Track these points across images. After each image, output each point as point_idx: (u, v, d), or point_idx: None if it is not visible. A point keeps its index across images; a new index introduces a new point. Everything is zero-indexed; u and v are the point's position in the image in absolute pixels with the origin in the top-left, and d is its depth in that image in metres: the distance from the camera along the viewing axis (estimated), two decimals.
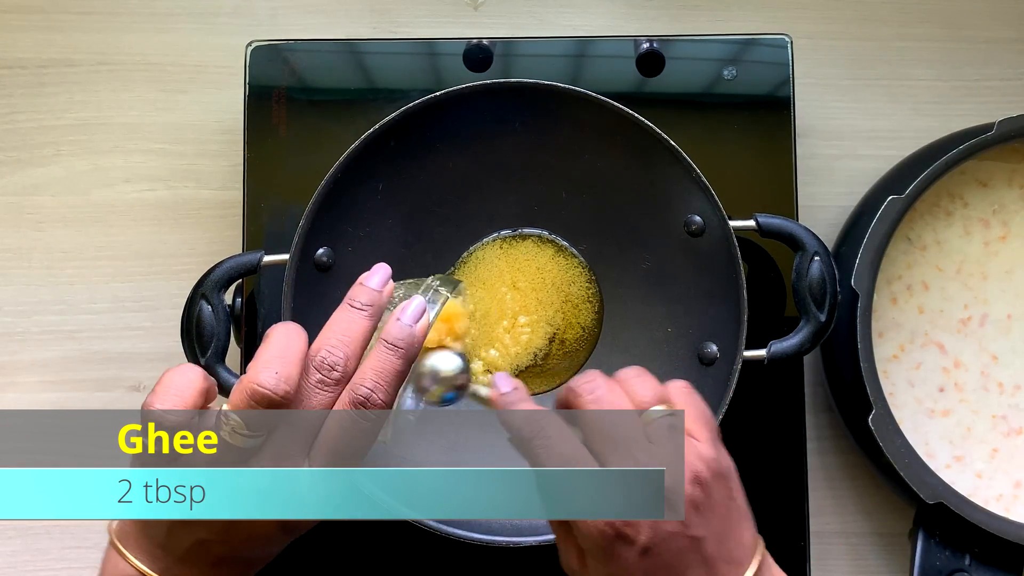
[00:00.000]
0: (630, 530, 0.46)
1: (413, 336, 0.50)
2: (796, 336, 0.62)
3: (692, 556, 0.47)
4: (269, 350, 0.48)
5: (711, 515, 0.47)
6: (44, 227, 0.72)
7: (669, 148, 0.63)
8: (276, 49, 0.69)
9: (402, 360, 0.49)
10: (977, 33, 0.74)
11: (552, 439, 0.48)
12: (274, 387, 0.46)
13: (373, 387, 0.48)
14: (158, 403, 0.47)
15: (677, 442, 0.48)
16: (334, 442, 0.48)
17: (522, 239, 0.69)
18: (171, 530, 0.49)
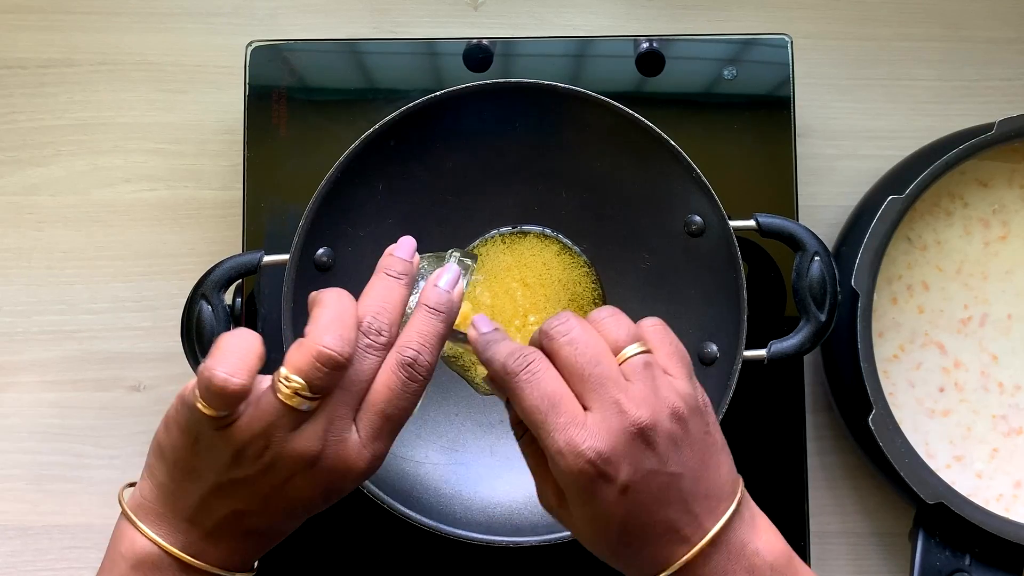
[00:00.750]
0: (609, 468, 0.46)
1: (452, 301, 0.51)
2: (796, 336, 0.62)
3: (670, 493, 0.47)
4: (326, 314, 0.48)
5: (689, 451, 0.48)
6: (44, 227, 0.72)
7: (669, 148, 0.63)
8: (276, 49, 0.69)
9: (443, 324, 0.51)
10: (977, 33, 0.74)
11: (539, 374, 0.48)
12: (340, 349, 0.47)
13: (419, 348, 0.49)
14: (220, 367, 0.46)
15: (653, 378, 0.48)
16: (383, 404, 0.48)
17: (524, 236, 0.69)
18: (205, 501, 0.49)
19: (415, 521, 0.62)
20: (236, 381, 0.46)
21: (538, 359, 0.48)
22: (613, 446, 0.46)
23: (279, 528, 0.52)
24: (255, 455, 0.48)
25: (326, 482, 0.49)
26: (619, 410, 0.47)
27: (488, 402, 0.68)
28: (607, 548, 0.49)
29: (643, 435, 0.46)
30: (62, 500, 0.70)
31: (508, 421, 0.69)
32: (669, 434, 0.47)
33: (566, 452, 0.46)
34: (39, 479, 0.71)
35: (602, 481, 0.46)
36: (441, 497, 0.65)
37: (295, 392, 0.47)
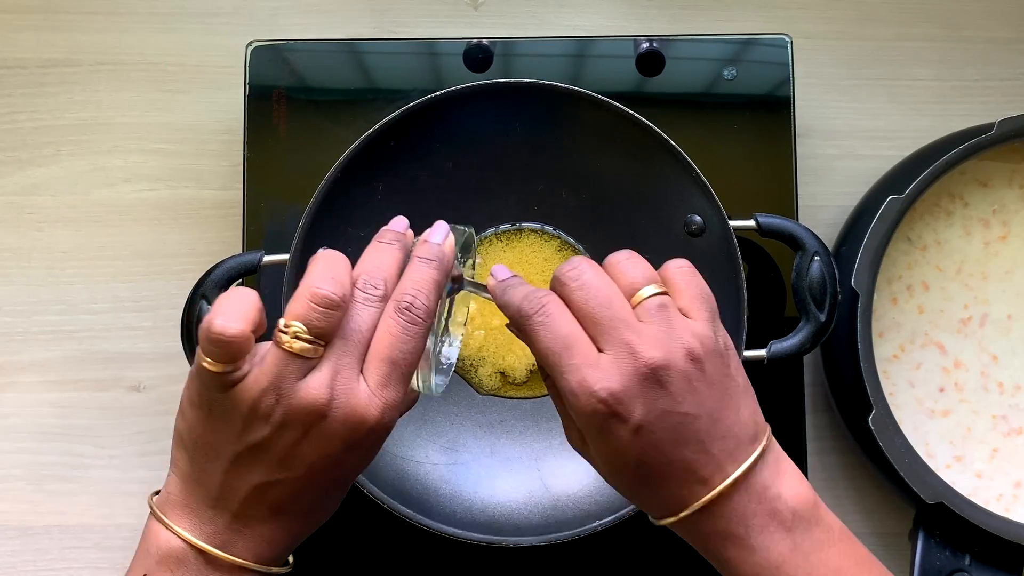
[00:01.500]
0: (622, 408, 0.47)
1: (443, 251, 0.52)
2: (796, 336, 0.62)
3: (685, 433, 0.47)
4: (318, 267, 0.49)
5: (706, 392, 0.48)
6: (44, 227, 0.72)
7: (669, 148, 0.63)
8: (276, 49, 0.69)
9: (437, 271, 0.51)
10: (977, 33, 0.74)
11: (552, 316, 0.48)
12: (334, 289, 0.48)
13: (415, 293, 0.50)
14: (219, 318, 0.47)
15: (667, 319, 0.48)
16: (386, 350, 0.49)
17: (523, 233, 0.69)
18: (226, 479, 0.49)
19: (415, 521, 0.62)
20: (234, 326, 0.47)
21: (552, 301, 0.49)
22: (625, 386, 0.47)
23: (307, 504, 0.51)
24: (266, 413, 0.48)
25: (343, 436, 0.48)
26: (631, 351, 0.47)
27: (488, 402, 0.68)
28: (627, 485, 0.50)
29: (655, 375, 0.47)
30: (62, 500, 0.70)
31: (508, 421, 0.69)
32: (683, 374, 0.47)
33: (579, 392, 0.47)
34: (39, 479, 0.71)
35: (615, 420, 0.47)
36: (441, 497, 0.65)
37: (295, 336, 0.47)
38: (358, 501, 0.62)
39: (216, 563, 0.50)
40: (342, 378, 0.48)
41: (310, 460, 0.49)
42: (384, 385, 0.49)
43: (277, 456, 0.49)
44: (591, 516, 0.62)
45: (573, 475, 0.66)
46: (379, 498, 0.62)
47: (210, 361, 0.48)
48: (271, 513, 0.50)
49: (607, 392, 0.47)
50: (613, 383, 0.47)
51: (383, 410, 0.49)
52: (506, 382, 0.68)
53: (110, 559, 0.70)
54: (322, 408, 0.48)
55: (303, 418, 0.48)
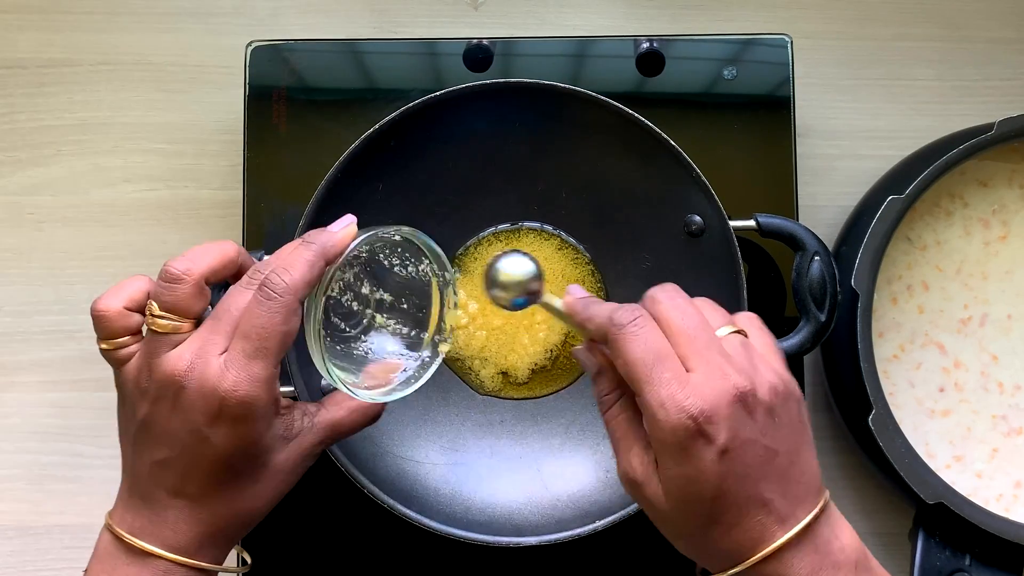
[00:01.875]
0: (711, 428, 0.46)
1: (331, 237, 0.52)
2: (796, 336, 0.62)
3: (768, 467, 0.47)
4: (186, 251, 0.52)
5: (785, 429, 0.48)
6: (44, 227, 0.72)
7: (669, 148, 0.63)
8: (276, 49, 0.69)
9: (312, 253, 0.51)
10: (977, 33, 0.74)
11: (647, 328, 0.48)
12: (176, 264, 0.50)
13: (277, 269, 0.50)
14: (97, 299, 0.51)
15: (751, 354, 0.49)
16: (242, 325, 0.50)
17: (523, 233, 0.69)
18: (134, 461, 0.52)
19: (415, 521, 0.62)
20: (103, 303, 0.51)
21: (646, 315, 0.49)
22: (715, 406, 0.46)
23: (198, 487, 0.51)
24: (145, 388, 0.51)
25: (200, 409, 0.49)
26: (722, 373, 0.47)
27: (488, 402, 0.68)
28: (693, 524, 0.48)
29: (744, 401, 0.47)
30: (63, 500, 0.70)
31: (508, 421, 0.69)
32: (768, 407, 0.47)
33: (669, 406, 0.46)
34: (40, 479, 0.71)
35: (702, 440, 0.46)
36: (441, 497, 0.65)
37: (151, 313, 0.50)
38: (358, 501, 0.62)
39: (132, 551, 0.51)
40: (202, 352, 0.50)
41: (180, 435, 0.50)
42: (238, 359, 0.49)
43: (158, 431, 0.51)
44: (591, 516, 0.62)
45: (573, 475, 0.66)
46: (379, 498, 0.62)
47: (99, 339, 0.52)
48: (169, 496, 0.51)
49: (697, 409, 0.46)
50: (704, 401, 0.46)
51: (235, 382, 0.49)
52: (507, 382, 0.68)
53: None
54: (179, 379, 0.49)
55: (166, 389, 0.50)
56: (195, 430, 0.50)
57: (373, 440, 0.65)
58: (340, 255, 0.52)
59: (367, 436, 0.65)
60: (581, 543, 0.61)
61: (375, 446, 0.65)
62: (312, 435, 0.54)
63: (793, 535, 0.47)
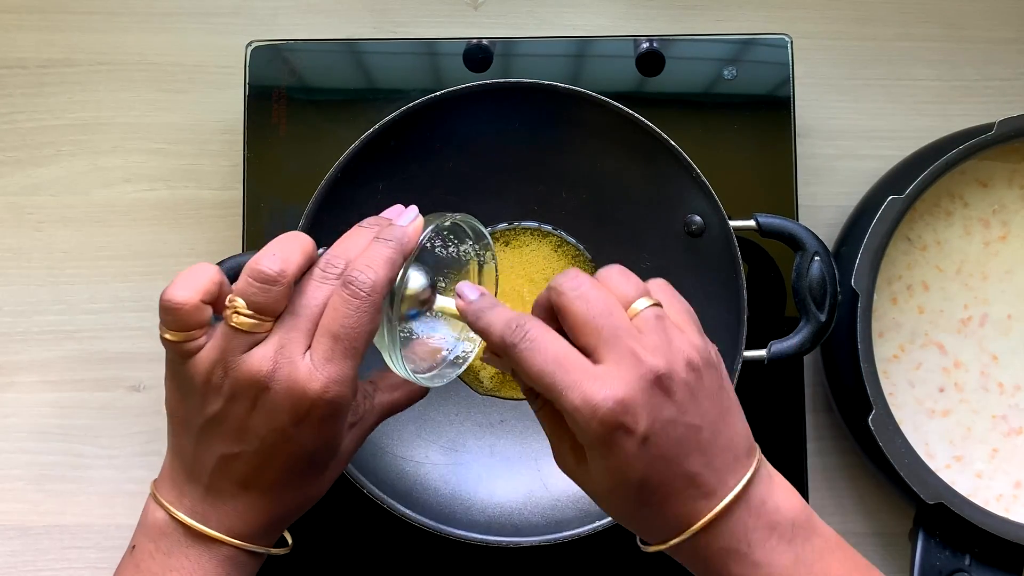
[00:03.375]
0: (628, 418, 0.46)
1: (404, 232, 0.52)
2: (796, 336, 0.62)
3: (690, 444, 0.47)
4: (268, 245, 0.50)
5: (706, 402, 0.48)
6: (44, 227, 0.72)
7: (669, 148, 0.63)
8: (276, 49, 0.69)
9: (391, 250, 0.51)
10: (977, 33, 0.74)
11: (538, 339, 0.47)
12: (270, 265, 0.48)
13: (362, 268, 0.49)
14: (170, 289, 0.49)
15: (664, 329, 0.48)
16: (329, 324, 0.49)
17: (521, 232, 0.69)
18: (197, 451, 0.51)
19: (415, 521, 0.62)
20: (181, 294, 0.49)
21: (535, 325, 0.48)
22: (631, 395, 0.46)
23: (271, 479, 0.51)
24: (217, 385, 0.49)
25: (287, 409, 0.49)
26: (635, 359, 0.46)
27: (488, 402, 0.68)
28: (627, 506, 0.48)
29: (660, 383, 0.46)
30: (62, 500, 0.70)
31: (508, 421, 0.69)
32: (686, 383, 0.47)
33: (582, 407, 0.46)
34: (39, 479, 0.71)
35: (622, 432, 0.46)
36: (441, 497, 0.65)
37: (236, 312, 0.48)
38: (358, 501, 0.62)
39: (193, 534, 0.51)
40: (285, 351, 0.49)
41: (261, 433, 0.50)
42: (327, 359, 0.49)
43: (232, 428, 0.50)
44: (591, 516, 0.62)
45: None
46: (379, 498, 0.62)
47: (166, 330, 0.50)
48: (238, 487, 0.51)
49: (613, 401, 0.45)
50: (618, 392, 0.46)
51: (325, 383, 0.49)
52: (506, 382, 0.68)
53: (110, 559, 0.70)
54: (264, 379, 0.48)
55: (246, 390, 0.49)
56: (278, 429, 0.49)
57: (373, 440, 0.65)
58: (414, 249, 0.52)
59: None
60: (581, 543, 0.61)
61: (375, 446, 0.65)
62: (373, 417, 0.55)
63: (724, 505, 0.47)
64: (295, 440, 0.50)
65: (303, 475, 0.52)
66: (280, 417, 0.49)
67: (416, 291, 0.54)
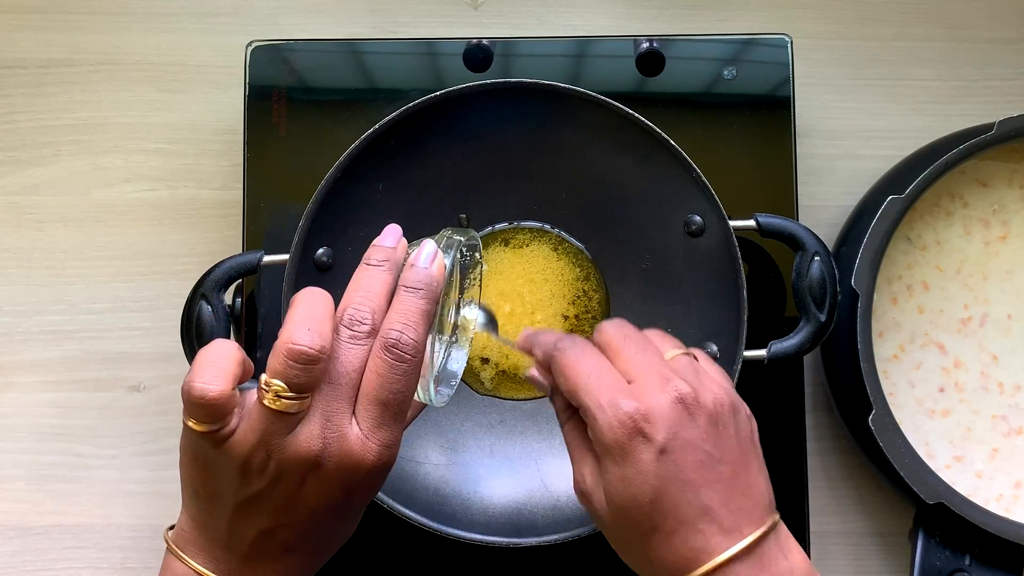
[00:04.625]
0: (648, 427, 0.46)
1: (431, 276, 0.50)
2: (796, 336, 0.62)
3: (708, 474, 0.46)
4: (297, 312, 0.47)
5: (732, 441, 0.48)
6: (44, 227, 0.72)
7: (669, 148, 0.63)
8: (276, 49, 0.69)
9: (425, 300, 0.49)
10: (977, 33, 0.74)
11: (586, 350, 0.49)
12: (310, 343, 0.46)
13: (401, 328, 0.48)
14: (197, 379, 0.46)
15: (697, 370, 0.49)
16: (375, 391, 0.47)
17: (521, 232, 0.69)
18: (232, 525, 0.49)
19: (415, 521, 0.62)
20: (213, 388, 0.46)
21: (580, 340, 0.50)
22: (654, 406, 0.46)
23: (317, 540, 0.51)
24: (260, 467, 0.47)
25: (341, 481, 0.48)
26: (663, 379, 0.47)
27: (488, 402, 0.68)
28: (634, 533, 0.47)
29: (684, 403, 0.47)
30: (62, 500, 0.70)
31: (508, 421, 0.69)
32: (711, 414, 0.47)
33: (607, 406, 0.46)
34: (39, 479, 0.71)
35: (640, 439, 0.46)
36: (441, 497, 0.65)
37: (277, 395, 0.46)
38: None
39: None
40: (332, 425, 0.47)
41: (312, 505, 0.48)
42: (378, 427, 0.48)
43: (278, 504, 0.48)
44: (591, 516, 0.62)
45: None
46: (379, 498, 0.62)
47: (193, 420, 0.47)
48: (282, 552, 0.50)
49: (634, 407, 0.46)
50: (643, 401, 0.46)
51: (380, 452, 0.48)
52: (506, 382, 0.68)
53: (110, 559, 0.70)
54: (315, 458, 0.47)
55: (297, 469, 0.47)
56: (330, 500, 0.48)
57: None
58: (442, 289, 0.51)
59: None
60: (581, 543, 0.61)
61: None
62: None
63: (739, 550, 0.46)
64: (349, 505, 0.50)
65: (346, 529, 0.52)
66: (334, 491, 0.48)
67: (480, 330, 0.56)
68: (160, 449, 0.71)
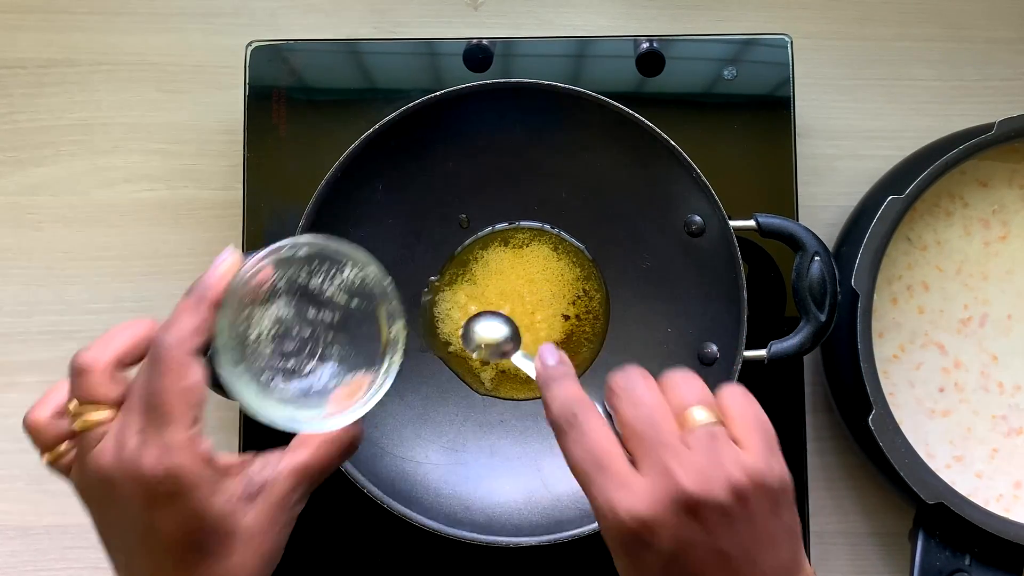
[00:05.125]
0: (648, 535, 0.44)
1: (209, 275, 0.49)
2: (796, 336, 0.62)
3: (722, 570, 0.45)
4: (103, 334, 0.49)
5: (745, 530, 0.45)
6: (44, 227, 0.72)
7: (669, 148, 0.63)
8: (276, 49, 0.69)
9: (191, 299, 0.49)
10: (977, 33, 0.74)
11: (586, 433, 0.47)
12: (83, 355, 0.48)
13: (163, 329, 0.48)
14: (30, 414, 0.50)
15: (715, 449, 0.45)
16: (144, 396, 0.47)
17: (521, 232, 0.69)
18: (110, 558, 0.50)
19: (415, 521, 0.62)
20: (31, 415, 0.49)
21: (589, 416, 0.47)
22: (654, 513, 0.44)
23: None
24: (87, 493, 0.49)
25: (135, 496, 0.46)
26: (668, 477, 0.44)
27: (488, 402, 0.68)
28: None
29: (688, 506, 0.44)
30: (62, 500, 0.70)
31: (508, 421, 0.69)
32: (721, 509, 0.44)
33: (607, 512, 0.45)
34: (39, 479, 0.71)
35: (643, 547, 0.45)
36: (441, 497, 0.65)
37: (70, 412, 0.48)
38: (358, 501, 0.62)
39: None
40: (119, 436, 0.47)
41: (129, 532, 0.47)
42: (151, 431, 0.46)
43: (110, 536, 0.49)
44: (591, 516, 0.62)
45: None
46: (379, 498, 0.62)
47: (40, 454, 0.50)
48: None
49: (632, 517, 0.44)
50: (641, 508, 0.44)
51: (155, 458, 0.46)
52: (506, 382, 0.68)
53: None
54: (108, 472, 0.47)
55: (101, 488, 0.47)
56: (138, 521, 0.47)
57: (373, 440, 0.65)
58: (223, 291, 0.48)
59: (367, 437, 0.65)
60: (581, 543, 0.61)
61: (375, 446, 0.65)
62: (280, 485, 0.50)
63: None
64: (158, 529, 0.47)
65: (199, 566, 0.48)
66: (133, 509, 0.47)
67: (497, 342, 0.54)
68: None
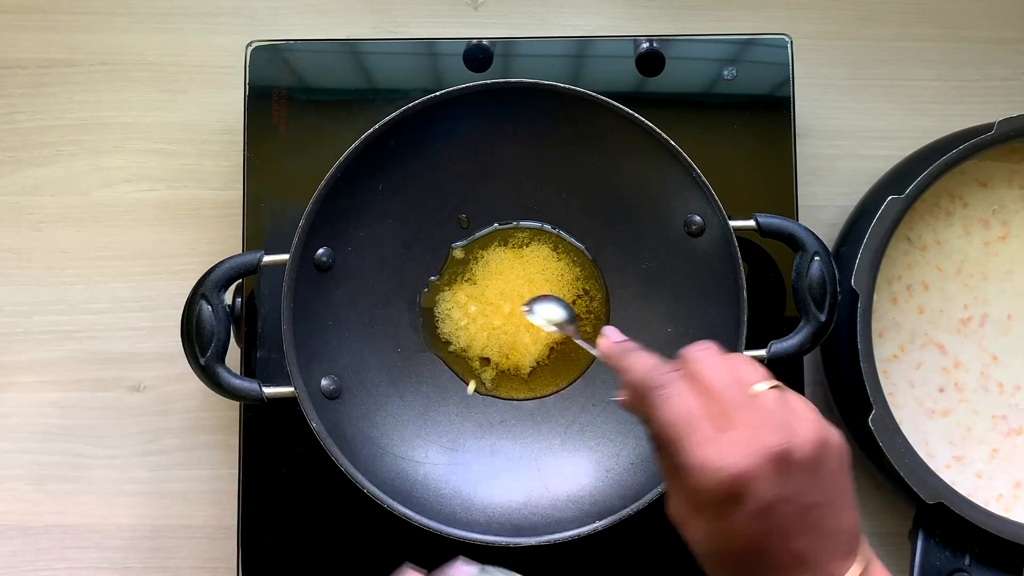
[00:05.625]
0: (744, 489, 0.45)
1: None
2: (796, 336, 0.62)
3: (802, 523, 0.46)
4: None
5: (827, 481, 0.47)
6: (44, 227, 0.72)
7: (669, 148, 0.63)
8: (276, 49, 0.69)
9: None
10: (977, 33, 0.74)
11: (681, 391, 0.48)
12: None
13: None
14: None
15: (790, 408, 0.48)
16: None
17: (521, 232, 0.69)
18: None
19: (415, 521, 0.62)
20: None
21: (679, 376, 0.49)
22: (748, 467, 0.45)
23: None
24: None
25: None
26: (756, 433, 0.46)
27: (488, 402, 0.68)
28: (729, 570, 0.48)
29: (779, 459, 0.46)
30: (63, 500, 0.70)
31: (508, 421, 0.69)
32: (805, 461, 0.47)
33: (702, 469, 0.46)
34: (40, 479, 0.71)
35: (736, 501, 0.46)
36: (441, 497, 0.65)
37: None
38: (358, 501, 0.62)
39: None
40: None
41: None
42: None
43: None
44: (591, 516, 0.62)
45: (573, 475, 0.66)
46: (379, 498, 0.62)
47: None
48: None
49: (729, 472, 0.45)
50: (737, 463, 0.46)
51: None
52: (506, 382, 0.68)
53: (110, 559, 0.70)
54: None
55: None
56: None
57: (373, 440, 0.65)
58: None
59: (367, 436, 0.65)
60: (581, 543, 0.61)
61: (375, 446, 0.65)
62: None
63: None
64: None
65: None
66: None
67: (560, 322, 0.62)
68: (160, 449, 0.71)
